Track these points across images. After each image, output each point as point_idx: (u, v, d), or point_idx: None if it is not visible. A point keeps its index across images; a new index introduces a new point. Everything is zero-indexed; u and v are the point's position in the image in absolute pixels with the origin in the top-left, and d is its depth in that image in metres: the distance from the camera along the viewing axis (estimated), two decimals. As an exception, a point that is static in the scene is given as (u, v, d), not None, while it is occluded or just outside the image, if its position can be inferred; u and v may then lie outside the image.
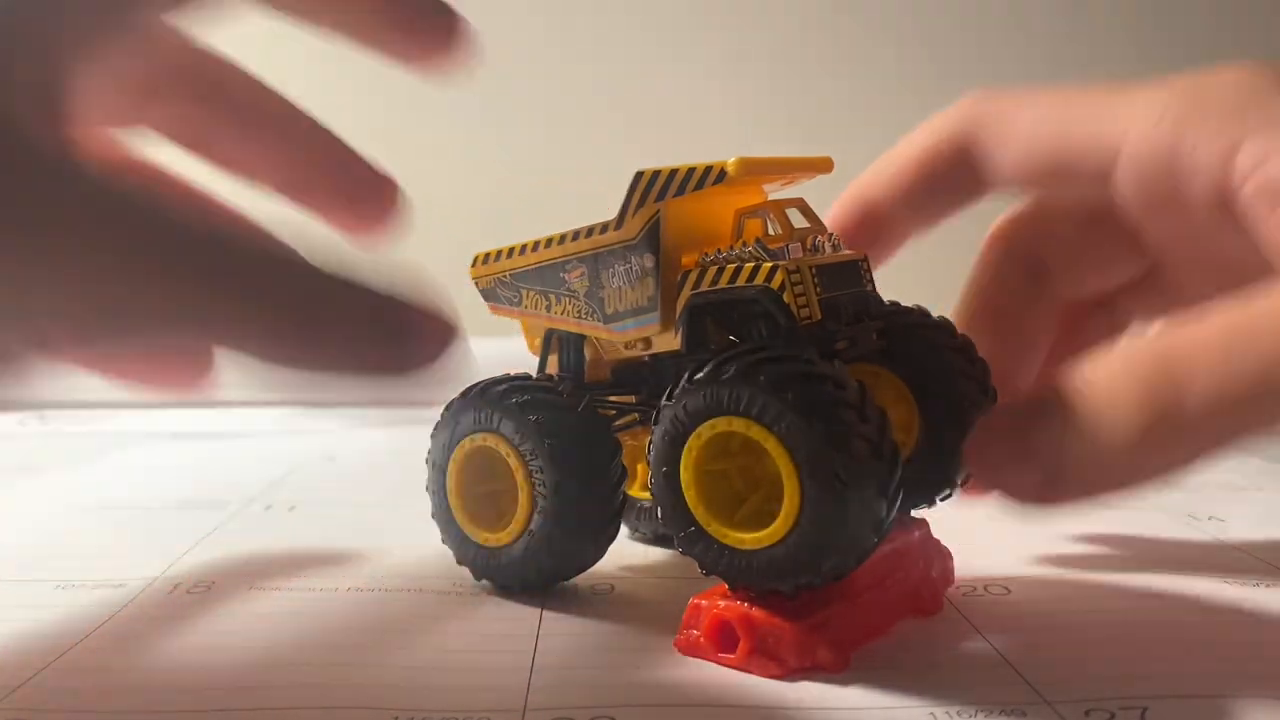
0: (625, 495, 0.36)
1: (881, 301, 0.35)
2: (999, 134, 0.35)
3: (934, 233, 0.32)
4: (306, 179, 0.34)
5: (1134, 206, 0.34)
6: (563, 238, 0.37)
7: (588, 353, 0.40)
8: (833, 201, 0.40)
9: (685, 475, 0.31)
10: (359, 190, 0.34)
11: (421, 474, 0.39)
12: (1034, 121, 0.35)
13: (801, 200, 0.35)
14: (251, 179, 0.34)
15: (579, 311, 0.38)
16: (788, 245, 0.33)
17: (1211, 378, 0.26)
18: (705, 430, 0.30)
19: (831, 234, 0.35)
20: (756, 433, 0.29)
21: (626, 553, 0.43)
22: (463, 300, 0.51)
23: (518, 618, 0.35)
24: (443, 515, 0.38)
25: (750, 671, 0.30)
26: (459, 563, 0.38)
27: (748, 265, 0.32)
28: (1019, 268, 0.35)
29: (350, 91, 1.02)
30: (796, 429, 0.28)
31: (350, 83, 1.02)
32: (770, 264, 0.32)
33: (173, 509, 0.50)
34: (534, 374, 0.39)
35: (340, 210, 0.34)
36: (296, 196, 0.34)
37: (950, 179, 0.33)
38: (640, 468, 0.43)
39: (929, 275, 0.97)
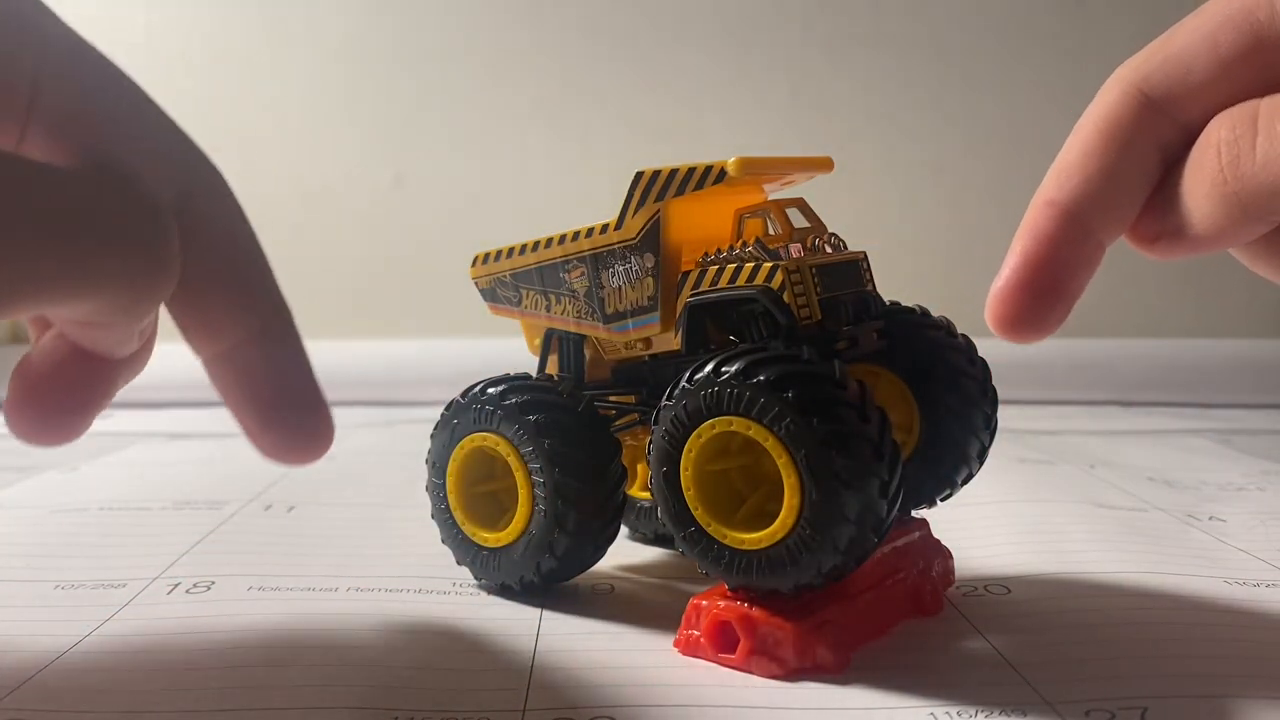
0: (625, 495, 0.36)
1: (882, 301, 0.35)
2: (1169, 57, 0.29)
3: (934, 233, 0.32)
4: (246, 388, 0.30)
5: None
6: (563, 238, 0.37)
7: (588, 353, 0.40)
8: (828, 202, 0.39)
9: (685, 475, 0.31)
10: (294, 421, 0.30)
11: (421, 474, 0.39)
12: (1196, 26, 0.28)
13: (802, 200, 0.35)
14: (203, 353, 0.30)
15: (579, 311, 0.38)
16: (788, 245, 0.33)
17: None
18: (705, 430, 0.30)
19: (832, 234, 0.35)
20: (756, 433, 0.29)
21: (626, 553, 0.43)
22: (463, 300, 0.51)
23: (518, 618, 0.35)
24: (442, 515, 0.38)
25: (750, 671, 0.30)
26: (459, 563, 0.38)
27: (747, 265, 0.32)
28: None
29: (351, 93, 1.02)
30: (796, 429, 0.28)
31: (351, 84, 1.02)
32: (770, 264, 0.32)
33: (172, 509, 0.50)
34: (534, 374, 0.39)
35: (264, 434, 0.30)
36: (228, 397, 0.30)
37: (1141, 136, 0.28)
38: (640, 468, 0.43)
39: (929, 275, 0.97)
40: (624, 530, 0.43)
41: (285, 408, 0.30)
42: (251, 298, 0.29)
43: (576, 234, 0.37)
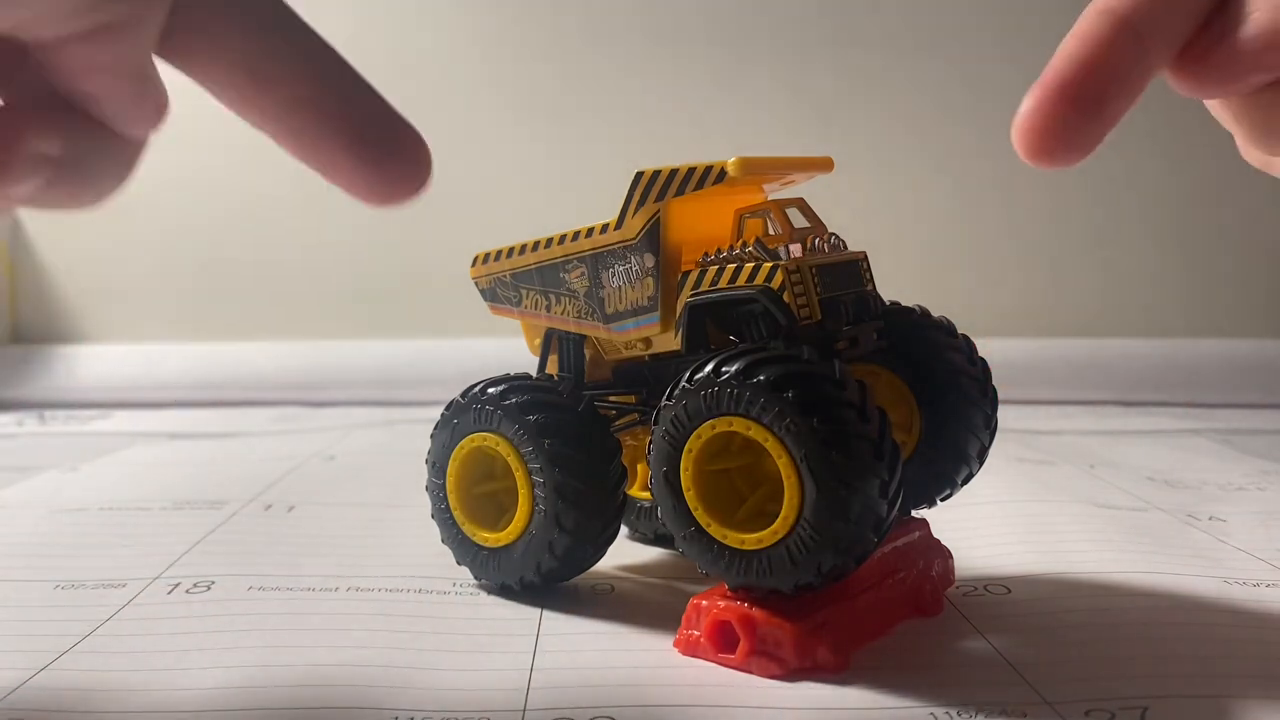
0: (625, 495, 0.36)
1: (882, 301, 0.35)
2: None
3: (934, 233, 0.31)
4: (324, 126, 0.27)
5: None
6: (563, 238, 0.37)
7: (588, 353, 0.40)
8: (828, 202, 0.39)
9: (685, 475, 0.31)
10: (387, 147, 0.28)
11: (421, 474, 0.39)
12: None
13: (801, 200, 0.35)
14: (256, 118, 0.28)
15: (579, 311, 0.38)
16: (788, 245, 0.33)
17: None
18: (705, 430, 0.30)
19: (832, 234, 0.35)
20: (757, 433, 0.29)
21: (626, 553, 0.43)
22: (463, 300, 0.51)
23: (518, 618, 0.35)
24: (442, 515, 0.38)
25: (750, 671, 0.30)
26: (459, 563, 0.38)
27: (747, 265, 0.32)
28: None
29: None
30: (796, 429, 0.28)
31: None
32: (770, 264, 0.32)
33: (172, 509, 0.50)
34: (534, 374, 0.39)
35: (360, 169, 0.28)
36: (307, 148, 0.28)
37: None
38: (640, 468, 0.43)
39: (929, 275, 0.97)
40: (624, 530, 0.43)
41: (370, 136, 0.28)
42: (288, 35, 0.28)
43: (576, 234, 0.37)
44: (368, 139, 0.28)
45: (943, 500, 0.37)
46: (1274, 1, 0.25)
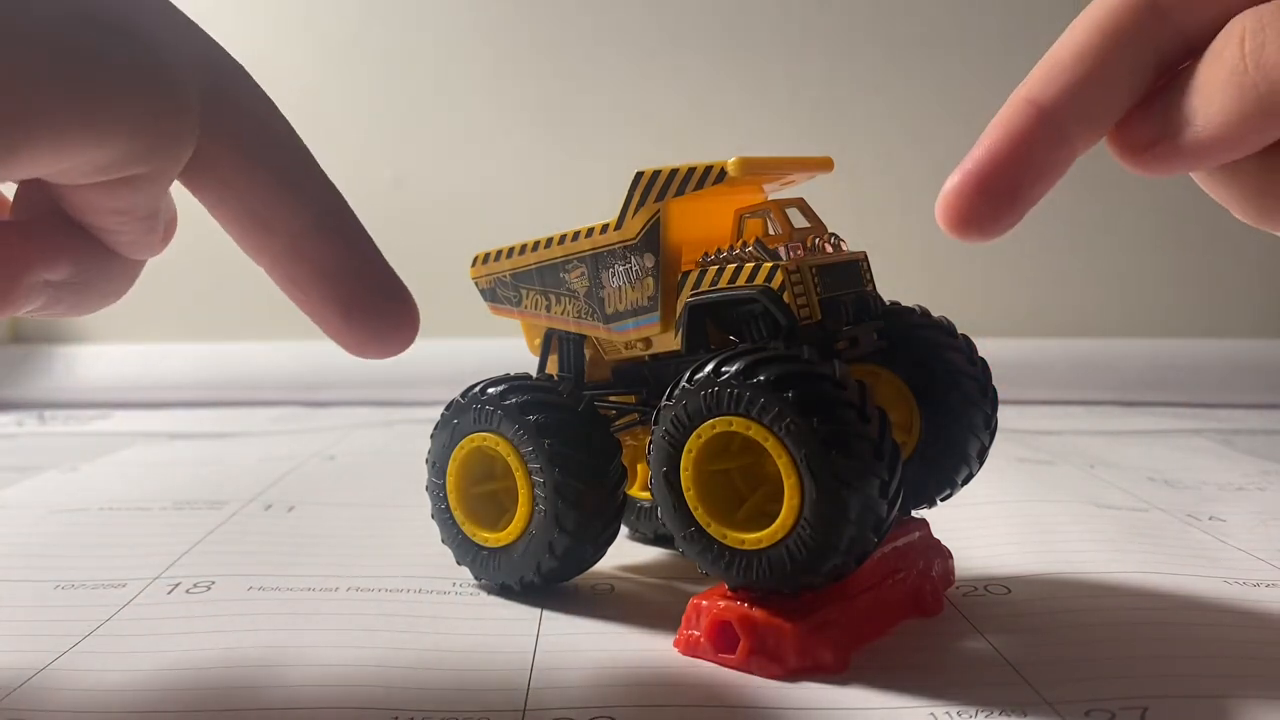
0: (625, 495, 0.37)
1: (882, 301, 0.35)
2: None
3: (934, 233, 0.30)
4: (319, 281, 0.28)
5: None
6: (563, 238, 0.37)
7: (588, 353, 0.40)
8: (828, 202, 0.39)
9: (685, 476, 0.31)
10: (376, 308, 0.28)
11: (421, 474, 0.39)
12: None
13: (802, 200, 0.35)
14: (256, 258, 0.28)
15: (579, 311, 0.38)
16: (788, 245, 0.33)
17: None
18: (705, 430, 0.30)
19: (832, 234, 0.35)
20: (756, 433, 0.29)
21: (626, 553, 0.43)
22: (463, 300, 0.51)
23: (518, 618, 0.35)
24: (442, 515, 0.38)
25: (750, 671, 0.30)
26: (459, 563, 0.38)
27: (747, 265, 0.32)
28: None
29: (351, 93, 1.02)
30: (796, 429, 0.28)
31: (351, 84, 1.02)
32: (770, 264, 0.32)
33: (172, 509, 0.50)
34: (534, 374, 0.39)
35: (347, 325, 0.28)
36: (300, 295, 0.28)
37: (1140, 40, 0.26)
38: (640, 468, 0.43)
39: (929, 275, 0.97)
40: (624, 530, 0.43)
41: (361, 296, 0.28)
42: (296, 185, 0.28)
43: (576, 234, 0.37)
44: (360, 300, 0.28)
45: (943, 500, 0.37)
46: (1220, 85, 0.25)
